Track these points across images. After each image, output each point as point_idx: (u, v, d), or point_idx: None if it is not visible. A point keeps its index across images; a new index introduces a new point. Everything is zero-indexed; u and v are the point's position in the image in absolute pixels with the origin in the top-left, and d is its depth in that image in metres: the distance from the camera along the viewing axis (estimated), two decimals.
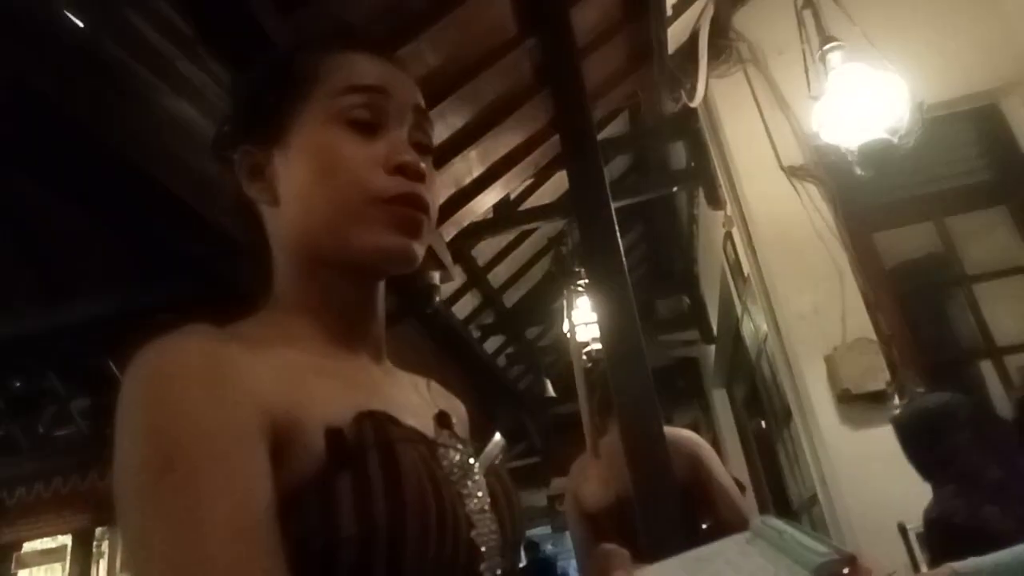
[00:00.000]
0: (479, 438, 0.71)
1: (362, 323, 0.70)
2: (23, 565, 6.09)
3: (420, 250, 0.68)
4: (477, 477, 0.65)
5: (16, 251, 2.16)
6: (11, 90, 1.46)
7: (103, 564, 5.58)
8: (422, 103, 0.72)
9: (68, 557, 5.94)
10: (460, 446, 0.66)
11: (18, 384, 4.43)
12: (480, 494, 0.63)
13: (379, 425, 0.57)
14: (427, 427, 0.66)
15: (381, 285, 0.72)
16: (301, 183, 0.66)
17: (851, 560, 0.58)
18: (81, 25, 1.53)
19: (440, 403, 0.73)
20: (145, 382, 0.52)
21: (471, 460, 0.66)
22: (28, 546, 6.06)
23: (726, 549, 0.51)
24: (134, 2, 1.63)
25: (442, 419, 0.68)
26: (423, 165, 0.67)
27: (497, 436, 0.70)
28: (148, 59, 1.65)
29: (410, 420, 0.62)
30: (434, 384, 0.78)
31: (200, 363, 0.53)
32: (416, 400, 0.71)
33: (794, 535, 0.64)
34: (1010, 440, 1.76)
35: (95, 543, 5.78)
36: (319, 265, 0.67)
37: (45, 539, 6.06)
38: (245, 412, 0.53)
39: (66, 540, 5.98)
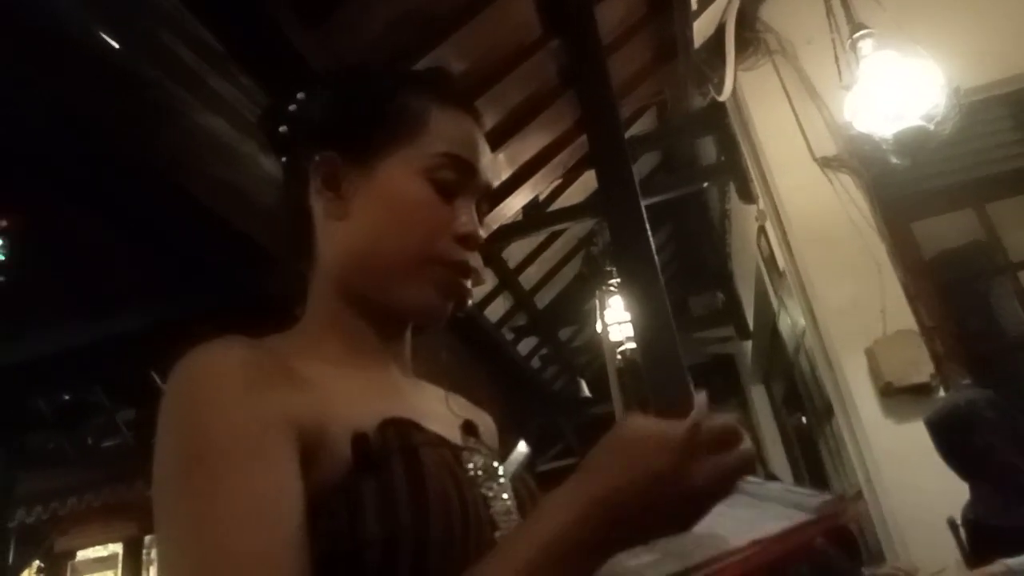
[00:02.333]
0: (508, 446, 0.72)
1: (390, 342, 0.72)
2: (78, 573, 6.27)
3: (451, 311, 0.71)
4: (502, 480, 0.66)
5: (55, 268, 2.22)
6: (47, 110, 1.50)
7: (152, 571, 5.72)
8: (495, 184, 0.75)
9: (120, 564, 6.10)
10: (485, 451, 0.68)
11: (66, 398, 4.56)
12: (505, 496, 0.64)
13: (403, 431, 0.59)
14: (453, 434, 0.67)
15: None
16: (375, 217, 0.68)
17: (842, 498, 0.59)
18: (116, 45, 1.57)
19: (466, 414, 0.74)
20: (185, 383, 0.55)
21: (496, 464, 0.67)
22: (81, 554, 6.24)
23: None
24: (166, 21, 1.67)
25: (468, 428, 0.70)
26: (481, 231, 0.70)
27: (522, 444, 0.71)
28: (181, 76, 1.69)
29: (435, 427, 0.63)
30: (459, 398, 0.79)
31: (236, 369, 0.56)
32: (442, 410, 0.73)
33: (775, 485, 0.64)
34: None
35: (144, 551, 5.93)
36: (360, 294, 0.69)
37: (97, 547, 6.23)
38: (275, 418, 0.55)
39: (117, 548, 6.14)
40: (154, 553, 5.64)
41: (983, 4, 3.13)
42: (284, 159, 0.75)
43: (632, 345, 3.78)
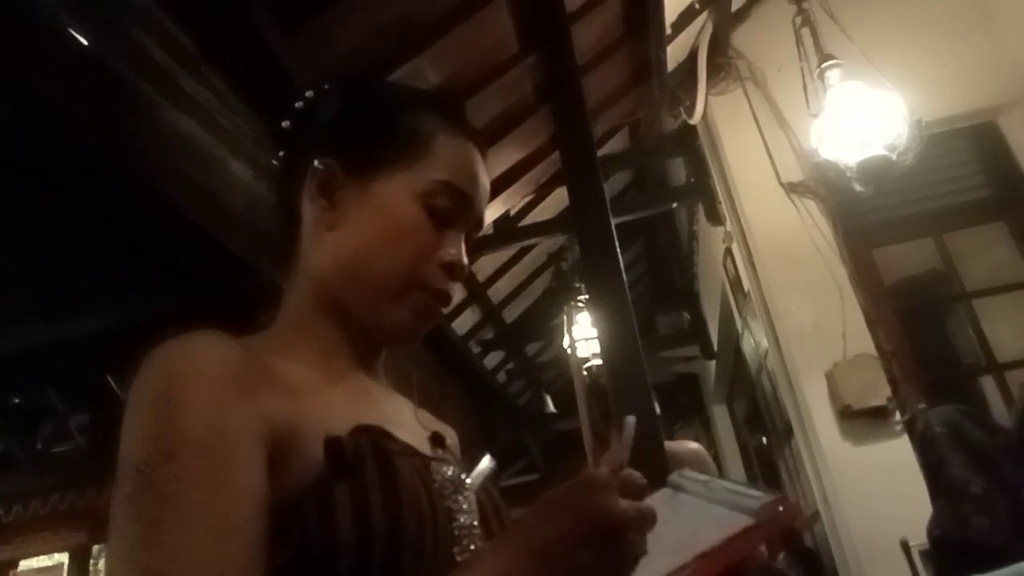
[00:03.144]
0: (473, 459, 0.73)
1: (363, 351, 0.71)
2: None
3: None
4: (468, 493, 0.66)
5: (16, 264, 2.16)
6: (14, 104, 1.47)
7: None
8: (485, 216, 0.76)
9: (64, 575, 5.89)
10: (453, 462, 0.68)
11: (16, 400, 4.42)
12: (467, 508, 0.64)
13: (376, 438, 0.59)
14: (421, 444, 0.67)
15: None
16: (366, 232, 0.67)
17: (784, 498, 0.60)
18: (85, 42, 1.54)
19: (432, 427, 0.75)
20: (164, 374, 0.54)
21: (463, 476, 0.67)
22: (24, 564, 6.01)
23: (655, 508, 0.52)
24: (137, 19, 1.65)
25: (436, 439, 0.71)
26: (467, 262, 0.71)
27: (488, 457, 0.71)
28: (151, 75, 1.67)
29: (405, 436, 0.63)
30: (426, 412, 0.79)
31: (212, 365, 0.55)
32: (411, 420, 0.73)
33: (720, 483, 0.64)
34: (1002, 452, 1.74)
35: (92, 560, 5.74)
36: (339, 306, 0.69)
37: (41, 557, 6.01)
38: (250, 418, 0.54)
39: (62, 558, 5.93)
40: (102, 563, 5.48)
41: (947, 41, 3.24)
42: (281, 154, 0.74)
43: (599, 361, 3.80)
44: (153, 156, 1.64)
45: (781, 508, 0.58)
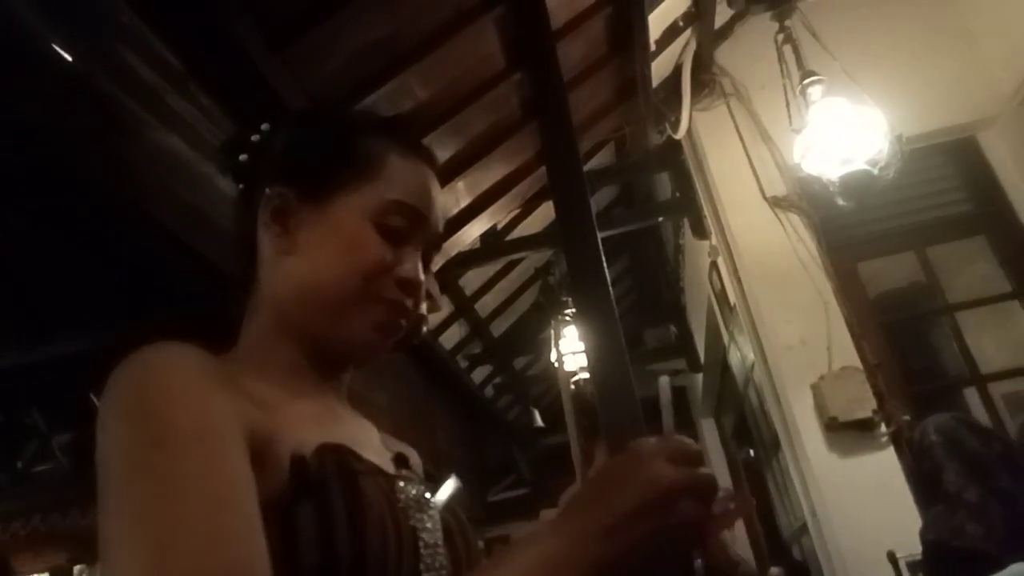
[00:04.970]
0: (438, 480, 0.74)
1: (326, 373, 0.72)
2: None
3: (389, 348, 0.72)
4: (432, 512, 0.66)
5: None
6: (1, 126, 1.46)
7: None
8: (442, 229, 0.77)
9: None
10: (417, 482, 0.68)
11: (0, 420, 4.36)
12: (431, 527, 0.64)
13: (341, 457, 0.59)
14: (386, 464, 0.68)
15: None
16: (320, 254, 0.68)
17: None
18: (70, 59, 1.54)
19: (395, 448, 0.75)
20: (136, 378, 0.53)
21: (427, 495, 0.67)
22: None
23: None
24: (123, 36, 1.65)
25: (400, 459, 0.72)
26: (423, 278, 0.72)
27: (453, 478, 0.72)
28: (138, 93, 1.66)
29: (370, 456, 0.64)
30: (388, 436, 0.80)
31: (189, 364, 0.55)
32: (375, 440, 0.74)
33: None
34: (998, 460, 1.76)
35: None
36: (298, 329, 0.69)
37: None
38: (232, 412, 0.54)
39: None
40: None
41: (928, 58, 3.29)
42: (240, 187, 0.75)
43: (586, 375, 3.80)
44: (139, 173, 1.64)
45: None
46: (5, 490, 4.78)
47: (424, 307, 0.74)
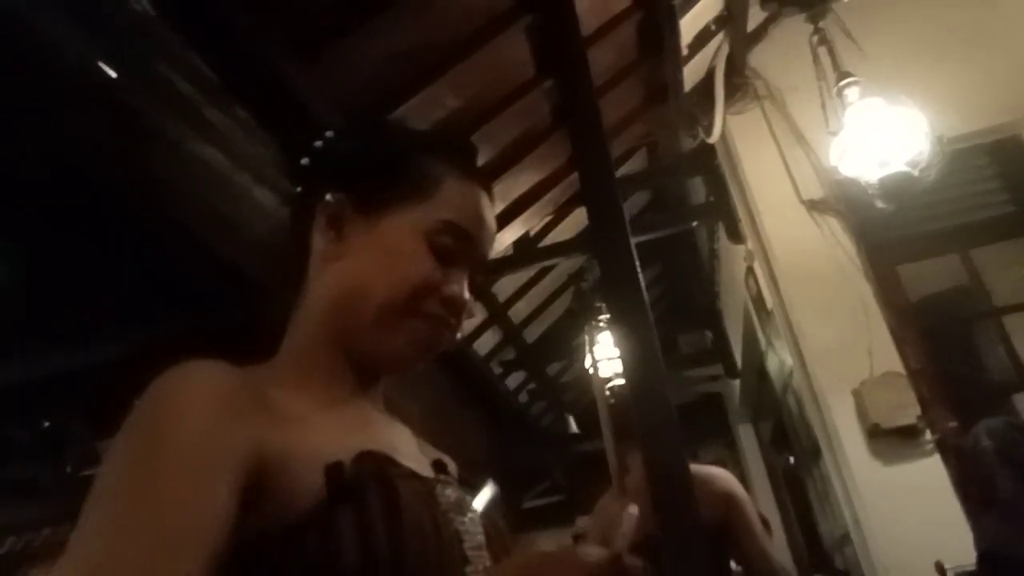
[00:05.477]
0: (477, 486, 0.74)
1: (364, 379, 0.73)
2: None
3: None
4: (473, 515, 0.67)
5: (43, 293, 2.21)
6: (35, 134, 1.51)
7: None
8: (488, 257, 0.78)
9: None
10: (456, 485, 0.69)
11: (46, 424, 4.48)
12: (474, 530, 0.65)
13: (378, 463, 0.60)
14: (424, 469, 0.68)
15: None
16: (369, 265, 0.70)
17: None
18: (114, 75, 1.58)
19: (431, 455, 0.76)
20: (158, 395, 0.56)
21: (467, 498, 0.68)
22: None
23: None
24: (163, 52, 1.69)
25: (439, 465, 0.72)
26: (468, 298, 0.73)
27: (490, 483, 0.72)
28: (176, 106, 1.70)
29: (408, 462, 0.64)
30: (426, 443, 0.80)
31: (209, 392, 0.56)
32: (413, 446, 0.75)
33: None
34: None
35: None
36: (341, 336, 0.70)
37: None
38: (232, 443, 0.54)
39: None
40: None
41: (966, 56, 3.21)
42: (298, 190, 0.77)
43: (622, 381, 3.77)
44: (177, 185, 1.68)
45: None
46: (52, 494, 4.91)
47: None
